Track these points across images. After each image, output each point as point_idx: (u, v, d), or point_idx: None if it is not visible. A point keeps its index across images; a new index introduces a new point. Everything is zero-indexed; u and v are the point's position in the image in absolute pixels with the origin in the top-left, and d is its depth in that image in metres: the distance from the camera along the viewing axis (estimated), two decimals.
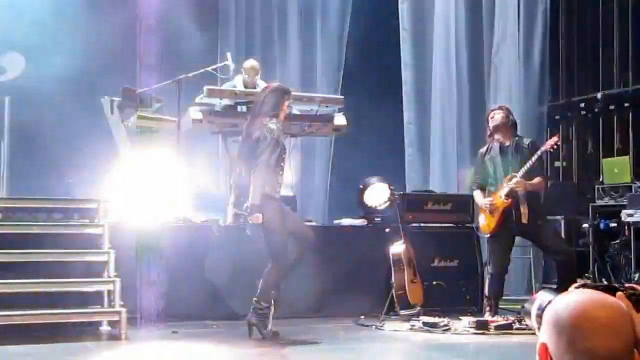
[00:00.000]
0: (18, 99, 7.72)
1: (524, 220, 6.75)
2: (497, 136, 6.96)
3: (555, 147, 6.88)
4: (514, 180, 6.71)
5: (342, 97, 7.90)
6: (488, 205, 6.86)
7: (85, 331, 6.09)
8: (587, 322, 1.67)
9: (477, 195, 7.11)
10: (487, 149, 7.07)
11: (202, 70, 7.89)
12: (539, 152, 6.73)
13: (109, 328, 6.16)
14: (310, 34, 10.39)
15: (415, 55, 9.50)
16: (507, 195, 6.76)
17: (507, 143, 6.94)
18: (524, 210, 6.74)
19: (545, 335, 1.75)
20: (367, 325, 6.80)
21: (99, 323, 6.25)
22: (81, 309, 6.08)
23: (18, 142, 7.81)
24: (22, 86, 8.30)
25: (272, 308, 5.99)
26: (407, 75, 9.54)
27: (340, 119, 7.94)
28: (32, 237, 6.27)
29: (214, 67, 8.00)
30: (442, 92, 9.47)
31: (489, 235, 7.00)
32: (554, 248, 6.94)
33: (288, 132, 7.85)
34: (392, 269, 7.09)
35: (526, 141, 7.07)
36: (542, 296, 2.24)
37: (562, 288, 6.18)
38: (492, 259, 6.98)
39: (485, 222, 6.98)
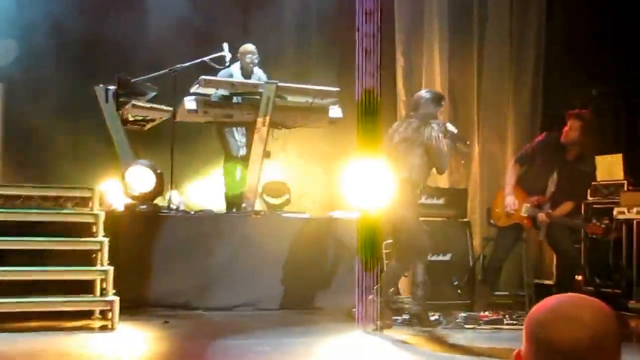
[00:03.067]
0: (12, 86, 7.69)
1: (541, 237, 6.90)
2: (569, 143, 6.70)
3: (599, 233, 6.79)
4: (543, 215, 6.67)
5: (337, 89, 7.86)
6: (508, 210, 6.77)
7: (77, 319, 6.08)
8: (549, 314, 1.64)
9: (513, 171, 6.90)
10: (547, 142, 6.84)
11: (198, 61, 7.89)
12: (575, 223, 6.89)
13: (101, 317, 6.16)
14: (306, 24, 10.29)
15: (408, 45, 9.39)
16: (530, 219, 6.77)
17: (572, 157, 6.74)
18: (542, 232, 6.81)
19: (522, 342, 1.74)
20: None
21: (92, 312, 6.25)
22: (74, 298, 6.06)
23: (12, 130, 7.78)
24: (15, 72, 8.28)
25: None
26: (400, 68, 9.46)
27: (335, 111, 7.93)
28: (26, 225, 6.25)
29: (210, 57, 7.98)
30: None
31: (499, 225, 6.98)
32: (566, 252, 6.94)
33: (281, 124, 7.86)
34: (385, 263, 7.10)
35: (585, 165, 6.95)
36: None
37: (561, 288, 6.28)
38: (495, 251, 7.03)
39: (502, 214, 6.91)
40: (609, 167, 8.18)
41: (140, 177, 7.33)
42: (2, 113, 7.76)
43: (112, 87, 7.72)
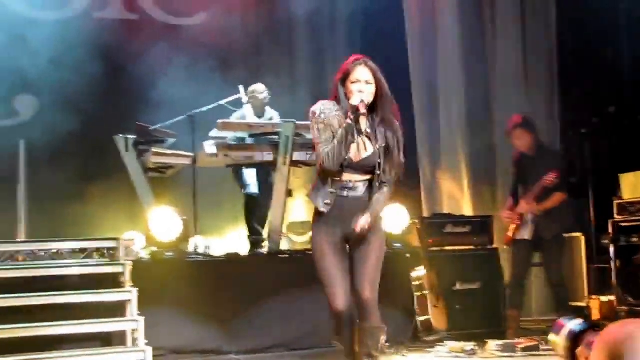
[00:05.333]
0: (33, 141, 7.77)
1: (546, 235, 7.07)
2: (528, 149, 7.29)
3: (551, 181, 6.93)
4: (522, 206, 7.06)
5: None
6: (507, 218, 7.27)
7: None
8: (628, 339, 1.72)
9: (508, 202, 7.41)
10: (514, 160, 7.42)
11: (215, 105, 7.92)
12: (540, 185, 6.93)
13: None
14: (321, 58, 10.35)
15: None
16: (517, 215, 7.16)
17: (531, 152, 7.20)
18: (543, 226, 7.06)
19: None
20: (392, 353, 6.74)
21: None
22: (106, 350, 6.02)
23: (35, 185, 7.84)
24: (36, 128, 8.36)
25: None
26: (415, 90, 9.57)
27: None
28: (51, 279, 6.22)
29: (226, 100, 8.02)
30: (451, 110, 9.51)
31: (508, 244, 7.32)
32: (551, 272, 7.21)
33: (302, 162, 7.83)
34: (414, 294, 7.04)
35: (545, 153, 7.28)
36: (570, 325, 2.24)
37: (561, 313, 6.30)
38: (512, 268, 7.28)
39: (507, 234, 7.31)
40: (635, 184, 8.11)
41: (164, 224, 7.32)
42: (27, 168, 7.83)
43: (131, 136, 7.76)
